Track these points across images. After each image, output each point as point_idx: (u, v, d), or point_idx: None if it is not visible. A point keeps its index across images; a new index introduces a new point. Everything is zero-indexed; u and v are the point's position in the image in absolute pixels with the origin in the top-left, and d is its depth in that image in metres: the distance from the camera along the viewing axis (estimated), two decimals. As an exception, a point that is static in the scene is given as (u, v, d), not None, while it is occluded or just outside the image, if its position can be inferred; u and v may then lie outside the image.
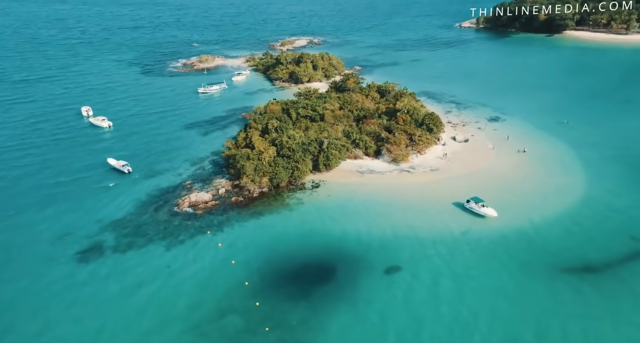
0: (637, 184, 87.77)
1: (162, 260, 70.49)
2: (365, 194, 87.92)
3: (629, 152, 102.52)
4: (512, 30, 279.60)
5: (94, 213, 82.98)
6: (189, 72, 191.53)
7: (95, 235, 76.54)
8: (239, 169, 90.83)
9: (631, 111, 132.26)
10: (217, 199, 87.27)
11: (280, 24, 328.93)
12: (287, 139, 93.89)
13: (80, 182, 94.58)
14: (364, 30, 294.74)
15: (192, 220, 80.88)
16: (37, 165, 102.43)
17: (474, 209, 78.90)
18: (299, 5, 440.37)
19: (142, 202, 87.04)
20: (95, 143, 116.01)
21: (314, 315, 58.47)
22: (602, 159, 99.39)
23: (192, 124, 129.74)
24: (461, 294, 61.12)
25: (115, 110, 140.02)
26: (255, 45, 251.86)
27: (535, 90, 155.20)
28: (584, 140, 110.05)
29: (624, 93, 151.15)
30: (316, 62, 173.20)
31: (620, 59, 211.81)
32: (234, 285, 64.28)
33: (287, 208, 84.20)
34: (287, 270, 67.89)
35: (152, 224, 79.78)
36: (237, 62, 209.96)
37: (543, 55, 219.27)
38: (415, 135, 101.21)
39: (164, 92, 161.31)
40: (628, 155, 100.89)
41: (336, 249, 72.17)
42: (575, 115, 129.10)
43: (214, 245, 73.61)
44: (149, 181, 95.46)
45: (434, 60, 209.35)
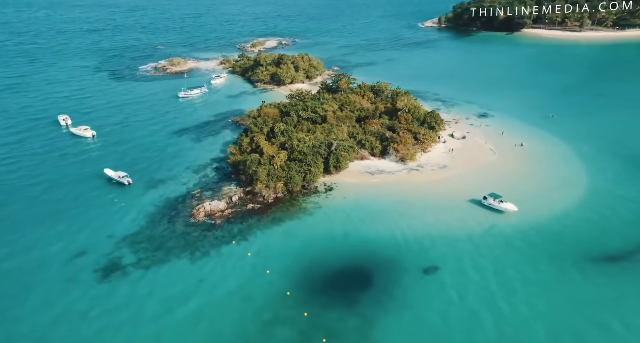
0: (636, 175, 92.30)
1: (192, 274, 67.24)
2: (381, 195, 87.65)
3: (619, 143, 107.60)
4: (473, 29, 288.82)
5: (104, 229, 78.12)
6: (162, 76, 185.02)
7: (112, 253, 72.03)
8: (250, 174, 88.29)
9: (606, 104, 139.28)
10: (232, 207, 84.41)
11: (245, 25, 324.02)
12: (298, 142, 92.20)
13: (80, 196, 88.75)
14: (332, 31, 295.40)
15: (211, 230, 77.74)
16: (29, 181, 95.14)
17: (493, 205, 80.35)
18: (260, 6, 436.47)
19: (152, 214, 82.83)
20: (83, 154, 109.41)
21: (367, 322, 57.32)
22: (596, 150, 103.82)
23: (181, 130, 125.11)
24: (512, 289, 61.72)
25: (94, 119, 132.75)
26: (224, 47, 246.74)
27: (513, 86, 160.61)
28: (572, 133, 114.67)
29: (595, 87, 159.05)
30: (297, 63, 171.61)
31: (580, 54, 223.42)
32: (276, 296, 62.22)
33: (307, 213, 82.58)
34: (324, 277, 66.38)
35: (170, 237, 76.03)
36: (211, 64, 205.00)
37: (510, 52, 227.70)
38: (420, 133, 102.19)
39: (142, 97, 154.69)
40: (618, 146, 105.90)
41: (367, 252, 71.34)
42: (556, 109, 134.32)
43: (242, 255, 71.01)
44: (153, 192, 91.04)
45: (408, 59, 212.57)
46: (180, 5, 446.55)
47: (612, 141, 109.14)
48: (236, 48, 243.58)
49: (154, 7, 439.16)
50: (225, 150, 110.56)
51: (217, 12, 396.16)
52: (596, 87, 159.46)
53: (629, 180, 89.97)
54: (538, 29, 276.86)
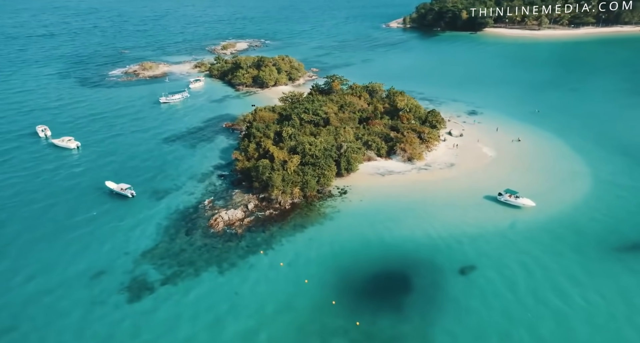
0: (632, 165, 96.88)
1: (225, 288, 64.40)
2: (397, 196, 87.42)
3: (606, 135, 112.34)
4: (437, 29, 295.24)
5: (118, 246, 73.58)
6: (136, 81, 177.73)
7: (134, 270, 67.90)
8: (265, 180, 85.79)
9: (583, 99, 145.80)
10: (250, 215, 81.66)
11: (211, 27, 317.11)
12: (309, 146, 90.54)
13: (84, 212, 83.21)
14: (302, 33, 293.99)
15: (234, 240, 74.85)
16: (25, 198, 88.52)
17: (510, 201, 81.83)
18: (220, 8, 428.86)
19: (166, 227, 78.87)
20: (75, 167, 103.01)
21: (422, 326, 56.55)
22: (588, 143, 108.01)
23: (171, 137, 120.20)
24: (557, 283, 62.69)
25: (75, 129, 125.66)
26: (193, 50, 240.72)
27: (491, 84, 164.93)
28: (560, 127, 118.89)
29: (568, 82, 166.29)
30: (279, 65, 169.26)
31: (545, 51, 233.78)
32: (320, 306, 60.45)
33: (327, 218, 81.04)
34: (362, 282, 65.19)
35: (192, 250, 72.61)
36: (185, 68, 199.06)
37: (479, 51, 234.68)
38: (425, 133, 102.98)
39: (121, 104, 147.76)
40: (608, 138, 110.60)
41: (398, 254, 70.74)
42: (538, 104, 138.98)
43: (274, 266, 68.69)
44: (160, 203, 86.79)
45: (384, 59, 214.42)
46: (137, 8, 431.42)
47: (600, 134, 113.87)
48: (206, 51, 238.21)
49: (108, 9, 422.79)
50: (225, 156, 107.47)
51: (177, 14, 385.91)
52: (569, 82, 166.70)
53: (628, 171, 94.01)
54: (499, 28, 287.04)
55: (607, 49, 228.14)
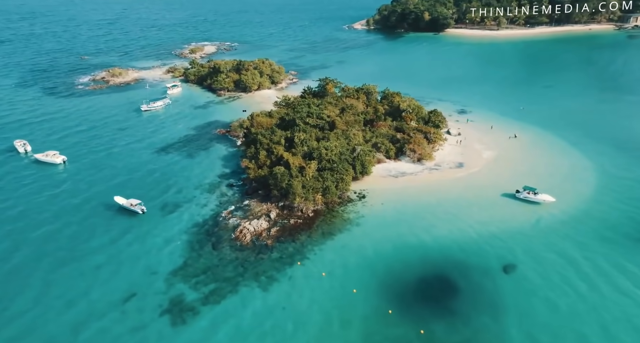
0: (631, 158, 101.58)
1: (270, 303, 61.61)
2: (416, 198, 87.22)
3: (595, 129, 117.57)
4: (401, 30, 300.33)
5: (143, 266, 68.93)
6: (108, 89, 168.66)
7: (168, 291, 63.76)
8: (284, 188, 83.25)
9: (559, 95, 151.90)
10: (275, 225, 78.93)
11: (172, 30, 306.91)
12: (325, 150, 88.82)
13: (96, 231, 77.39)
14: (269, 35, 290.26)
15: (265, 252, 71.96)
16: (25, 221, 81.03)
17: (529, 198, 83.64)
18: (177, 11, 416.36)
19: (189, 243, 74.74)
20: (68, 183, 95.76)
21: (483, 331, 56.37)
22: (581, 137, 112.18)
23: (164, 147, 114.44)
24: (605, 274, 64.29)
25: (56, 142, 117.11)
26: (160, 54, 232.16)
27: (469, 83, 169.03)
28: (549, 123, 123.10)
29: (540, 79, 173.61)
30: (260, 68, 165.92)
31: (508, 50, 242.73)
32: (376, 315, 58.94)
33: (353, 224, 79.52)
34: (409, 288, 63.91)
35: (225, 265, 69.15)
36: (156, 73, 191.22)
37: (447, 51, 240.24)
38: (431, 133, 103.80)
39: (100, 114, 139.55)
40: (597, 132, 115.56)
41: (435, 257, 70.08)
42: (520, 102, 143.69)
43: (315, 276, 66.51)
44: (175, 218, 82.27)
45: (358, 61, 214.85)
46: (86, 11, 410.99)
47: (587, 128, 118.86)
48: (173, 55, 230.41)
49: (54, 13, 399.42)
50: (228, 164, 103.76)
51: (132, 17, 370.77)
52: (541, 80, 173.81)
53: (627, 162, 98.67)
54: (460, 29, 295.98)
55: (565, 46, 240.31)
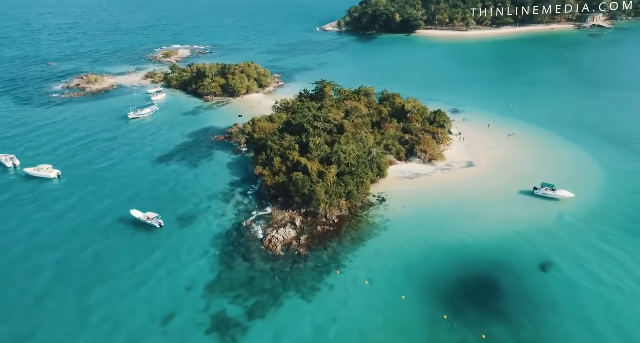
0: (627, 151, 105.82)
1: (318, 315, 59.65)
2: (436, 198, 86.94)
3: (586, 124, 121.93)
4: (372, 31, 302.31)
5: (176, 283, 65.46)
6: (86, 97, 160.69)
7: (209, 308, 60.73)
8: (307, 194, 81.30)
9: (543, 92, 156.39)
10: (303, 232, 76.89)
11: (140, 34, 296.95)
12: (343, 154, 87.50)
13: (120, 250, 72.83)
14: (242, 37, 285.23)
15: (299, 261, 69.86)
16: (36, 243, 75.59)
17: (548, 194, 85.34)
18: (139, 13, 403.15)
19: (217, 255, 71.67)
20: (69, 198, 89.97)
21: (543, 329, 56.59)
22: (576, 133, 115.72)
23: (163, 157, 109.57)
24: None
25: (45, 155, 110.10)
26: (131, 59, 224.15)
27: (455, 82, 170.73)
28: (541, 120, 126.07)
29: (521, 78, 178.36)
30: (247, 71, 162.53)
31: (481, 50, 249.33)
32: (432, 321, 57.96)
33: (381, 228, 78.34)
34: (455, 292, 63.02)
35: (261, 277, 66.63)
36: (134, 79, 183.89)
37: (423, 52, 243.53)
38: (438, 133, 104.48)
39: (85, 123, 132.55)
40: (589, 126, 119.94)
41: (471, 258, 69.76)
42: (508, 100, 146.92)
43: (357, 284, 64.96)
44: (194, 230, 78.89)
45: (339, 62, 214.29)
46: (42, 15, 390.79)
47: (579, 123, 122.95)
48: (146, 59, 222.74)
49: (6, 17, 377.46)
50: (235, 171, 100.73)
51: (93, 20, 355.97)
52: (521, 78, 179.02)
53: (625, 156, 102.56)
54: (430, 29, 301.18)
55: (535, 45, 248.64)
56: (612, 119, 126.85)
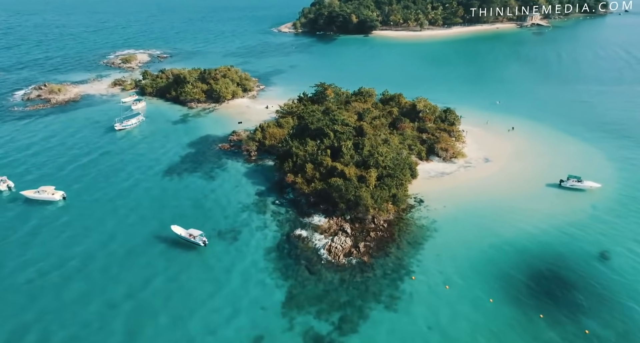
0: (624, 140, 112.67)
1: (410, 325, 58.17)
2: (470, 197, 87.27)
3: (575, 116, 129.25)
4: (330, 33, 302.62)
5: (249, 304, 61.32)
6: (53, 109, 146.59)
7: (293, 326, 57.82)
8: (352, 200, 79.10)
9: (520, 88, 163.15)
10: (358, 240, 74.69)
11: (87, 38, 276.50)
12: (381, 157, 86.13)
13: (167, 272, 66.77)
14: (202, 40, 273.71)
15: (367, 270, 67.84)
16: (96, 266, 68.37)
17: (576, 186, 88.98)
18: (78, 15, 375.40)
19: (279, 270, 68.16)
20: (87, 220, 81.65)
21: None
22: (569, 125, 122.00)
23: (171, 170, 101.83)
24: None
25: (32, 176, 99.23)
26: (87, 65, 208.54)
27: (431, 81, 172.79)
28: (532, 114, 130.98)
29: (490, 75, 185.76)
30: (230, 76, 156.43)
31: (442, 49, 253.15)
32: (529, 321, 58.10)
33: (432, 230, 77.42)
34: (537, 289, 63.66)
35: (334, 289, 64.04)
36: (101, 87, 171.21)
37: (387, 52, 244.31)
38: (454, 131, 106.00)
39: (68, 139, 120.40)
40: (577, 118, 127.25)
41: (534, 254, 70.75)
42: (488, 96, 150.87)
43: (437, 290, 63.94)
44: (241, 246, 74.45)
45: (309, 64, 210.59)
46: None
47: (567, 116, 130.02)
48: (104, 65, 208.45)
49: None
50: (257, 180, 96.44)
51: (29, 24, 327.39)
52: (490, 75, 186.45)
53: (625, 144, 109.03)
54: (385, 30, 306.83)
55: (489, 44, 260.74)
56: (595, 110, 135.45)
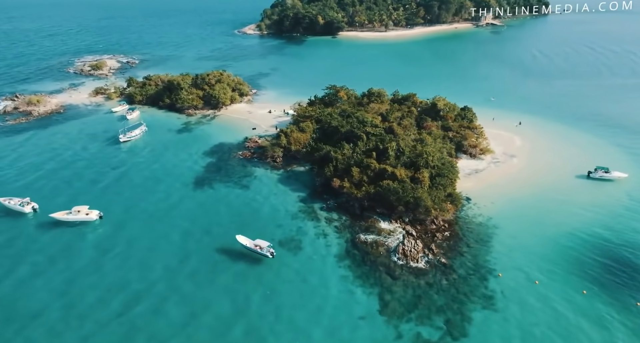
0: (626, 131, 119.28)
1: (514, 323, 58.12)
2: (513, 192, 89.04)
3: (572, 110, 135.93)
4: (297, 34, 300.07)
5: (348, 315, 59.17)
6: (35, 122, 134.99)
7: (401, 335, 56.29)
8: (412, 202, 78.50)
9: (506, 84, 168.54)
10: (428, 241, 74.28)
11: (42, 44, 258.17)
12: (430, 157, 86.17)
13: (255, 294, 63.08)
14: (171, 44, 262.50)
15: (450, 272, 67.52)
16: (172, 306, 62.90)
17: (605, 176, 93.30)
18: (23, 21, 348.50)
19: (359, 278, 66.74)
20: (135, 240, 75.51)
21: None
22: (570, 119, 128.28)
23: (198, 182, 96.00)
24: None
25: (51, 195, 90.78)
26: (54, 73, 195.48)
27: (414, 80, 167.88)
28: (530, 108, 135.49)
29: (471, 73, 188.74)
30: (225, 81, 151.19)
31: (412, 49, 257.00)
32: (621, 311, 60.15)
33: (491, 227, 77.75)
34: (620, 278, 65.85)
35: (427, 294, 63.21)
36: (81, 97, 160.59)
37: (361, 52, 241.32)
38: (477, 128, 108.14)
39: (70, 154, 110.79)
40: (575, 112, 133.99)
41: (599, 242, 73.49)
42: (481, 93, 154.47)
43: (528, 285, 64.50)
44: (309, 256, 72.16)
45: (290, 66, 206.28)
46: None
47: (564, 110, 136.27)
48: (73, 73, 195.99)
49: None
50: (293, 187, 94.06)
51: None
52: (471, 73, 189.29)
53: (630, 136, 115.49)
54: (352, 31, 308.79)
55: (456, 43, 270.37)
56: (591, 105, 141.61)
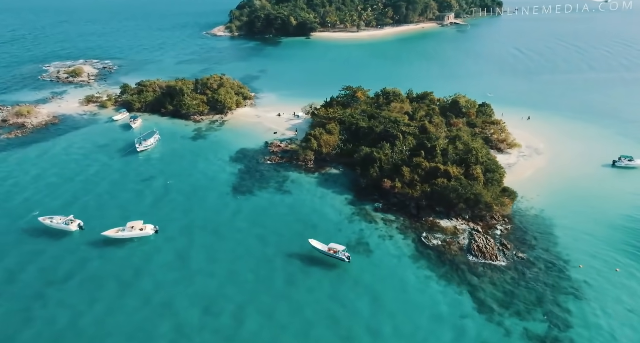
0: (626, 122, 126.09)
1: (607, 313, 60.31)
2: (551, 184, 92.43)
3: (566, 103, 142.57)
4: (269, 35, 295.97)
5: (440, 317, 59.44)
6: (33, 135, 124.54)
7: (510, 332, 57.06)
8: (473, 198, 79.31)
9: (498, 81, 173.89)
10: (497, 238, 75.43)
11: (4, 49, 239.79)
12: (480, 153, 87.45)
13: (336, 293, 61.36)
14: (142, 48, 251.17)
15: (529, 266, 68.96)
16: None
17: (630, 164, 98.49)
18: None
19: (442, 277, 66.99)
20: (211, 252, 71.77)
21: None
22: (571, 112, 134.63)
23: (237, 189, 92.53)
24: None
25: (95, 215, 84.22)
26: (28, 82, 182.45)
27: (403, 78, 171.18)
28: (530, 102, 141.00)
29: (456, 70, 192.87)
30: (227, 85, 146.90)
31: (389, 48, 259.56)
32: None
33: (547, 218, 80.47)
34: None
35: (517, 289, 64.32)
36: (71, 106, 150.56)
37: (343, 52, 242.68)
38: (499, 123, 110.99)
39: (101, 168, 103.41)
40: (569, 104, 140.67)
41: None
42: (476, 90, 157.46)
43: (610, 273, 67.05)
44: (383, 258, 71.72)
45: (277, 68, 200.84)
46: None
47: (562, 104, 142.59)
48: (49, 81, 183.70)
49: None
50: (338, 190, 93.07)
51: None
52: (456, 70, 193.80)
53: (633, 126, 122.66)
54: (324, 32, 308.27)
55: (427, 42, 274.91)
56: (585, 98, 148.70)
